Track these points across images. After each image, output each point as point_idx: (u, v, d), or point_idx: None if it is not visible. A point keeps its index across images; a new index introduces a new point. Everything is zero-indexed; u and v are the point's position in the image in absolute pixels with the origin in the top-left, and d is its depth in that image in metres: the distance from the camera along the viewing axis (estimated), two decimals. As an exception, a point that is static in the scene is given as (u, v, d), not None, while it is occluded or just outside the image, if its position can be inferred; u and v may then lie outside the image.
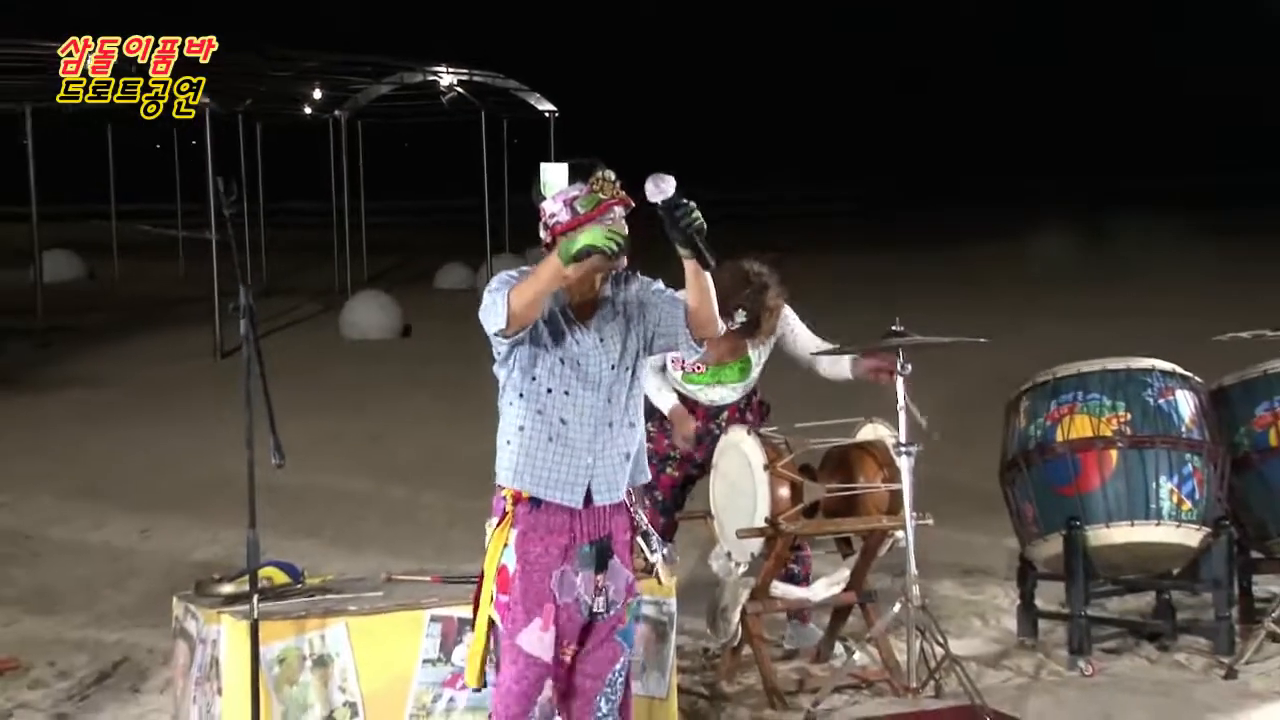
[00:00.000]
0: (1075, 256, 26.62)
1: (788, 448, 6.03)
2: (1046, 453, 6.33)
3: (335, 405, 13.31)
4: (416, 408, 13.11)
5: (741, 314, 6.05)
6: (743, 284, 6.06)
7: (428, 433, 11.88)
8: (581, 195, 4.18)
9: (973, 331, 6.37)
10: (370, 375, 15.26)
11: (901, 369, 5.75)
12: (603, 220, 4.15)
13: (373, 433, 12.10)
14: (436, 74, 21.04)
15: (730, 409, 6.43)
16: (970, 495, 8.55)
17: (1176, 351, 6.68)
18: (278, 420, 4.71)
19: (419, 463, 10.85)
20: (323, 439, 11.50)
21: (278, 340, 17.18)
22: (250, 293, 4.80)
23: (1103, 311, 18.59)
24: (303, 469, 9.87)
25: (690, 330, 4.30)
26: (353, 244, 23.75)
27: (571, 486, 4.23)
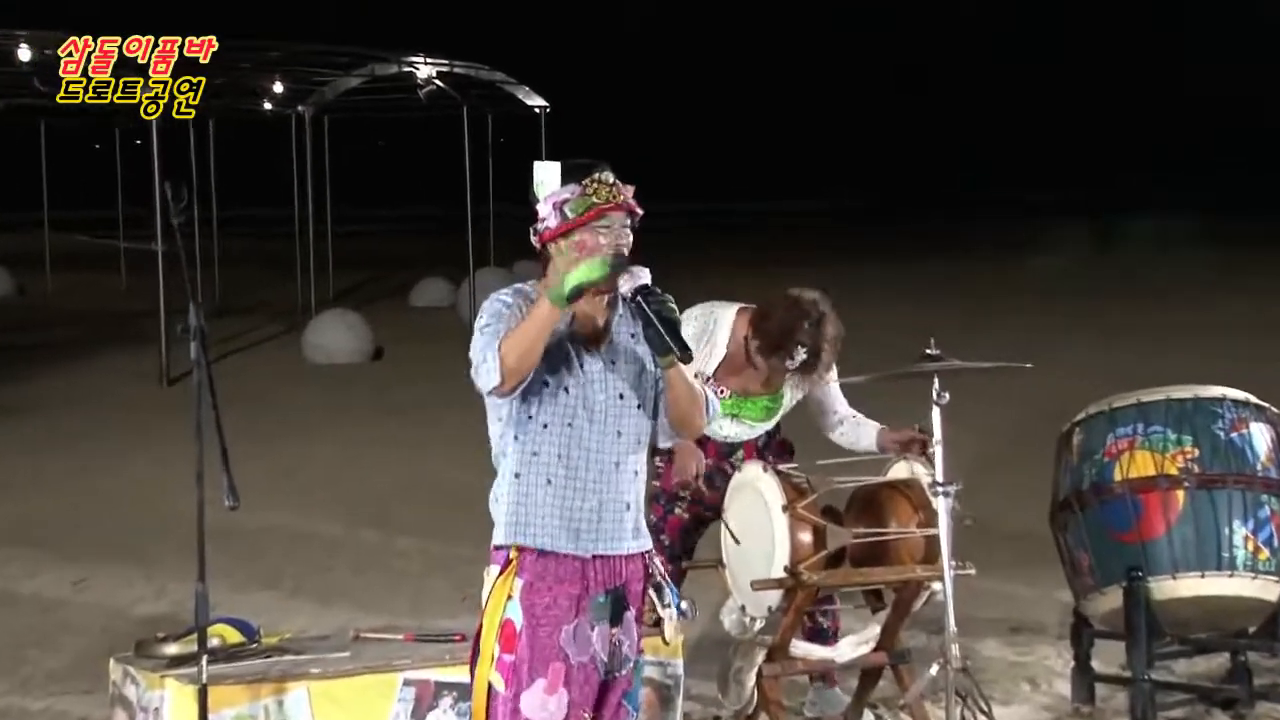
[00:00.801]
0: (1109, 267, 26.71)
1: (809, 487, 6.00)
2: (1103, 493, 6.31)
3: (297, 437, 13.31)
4: (389, 440, 13.12)
5: (801, 352, 6.01)
6: (800, 316, 6.02)
7: (402, 468, 11.89)
8: (573, 198, 4.18)
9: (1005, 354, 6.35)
10: (337, 403, 15.28)
11: (939, 399, 5.71)
12: (595, 229, 4.15)
13: (340, 468, 12.12)
14: (413, 65, 21.08)
15: (747, 446, 6.42)
16: (1017, 541, 8.52)
17: (1247, 377, 6.67)
18: (232, 455, 4.70)
19: (392, 503, 10.84)
20: (283, 476, 11.50)
21: (232, 364, 17.21)
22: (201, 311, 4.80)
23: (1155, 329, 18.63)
24: (260, 510, 9.88)
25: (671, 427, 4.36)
26: (318, 256, 23.83)
27: (576, 533, 4.22)
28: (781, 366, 6.05)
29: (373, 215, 41.22)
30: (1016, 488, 9.63)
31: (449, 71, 21.43)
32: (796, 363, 6.03)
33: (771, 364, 6.08)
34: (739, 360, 6.20)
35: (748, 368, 6.20)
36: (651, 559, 4.36)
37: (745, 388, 6.27)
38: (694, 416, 4.33)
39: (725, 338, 6.22)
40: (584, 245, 4.19)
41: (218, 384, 4.76)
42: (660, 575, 4.38)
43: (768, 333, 6.04)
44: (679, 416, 4.32)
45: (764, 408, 6.32)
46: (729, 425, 6.33)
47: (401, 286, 25.29)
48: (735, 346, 6.21)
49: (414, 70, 21.12)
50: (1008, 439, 11.73)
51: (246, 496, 4.67)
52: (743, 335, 6.18)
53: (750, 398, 6.29)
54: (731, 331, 6.22)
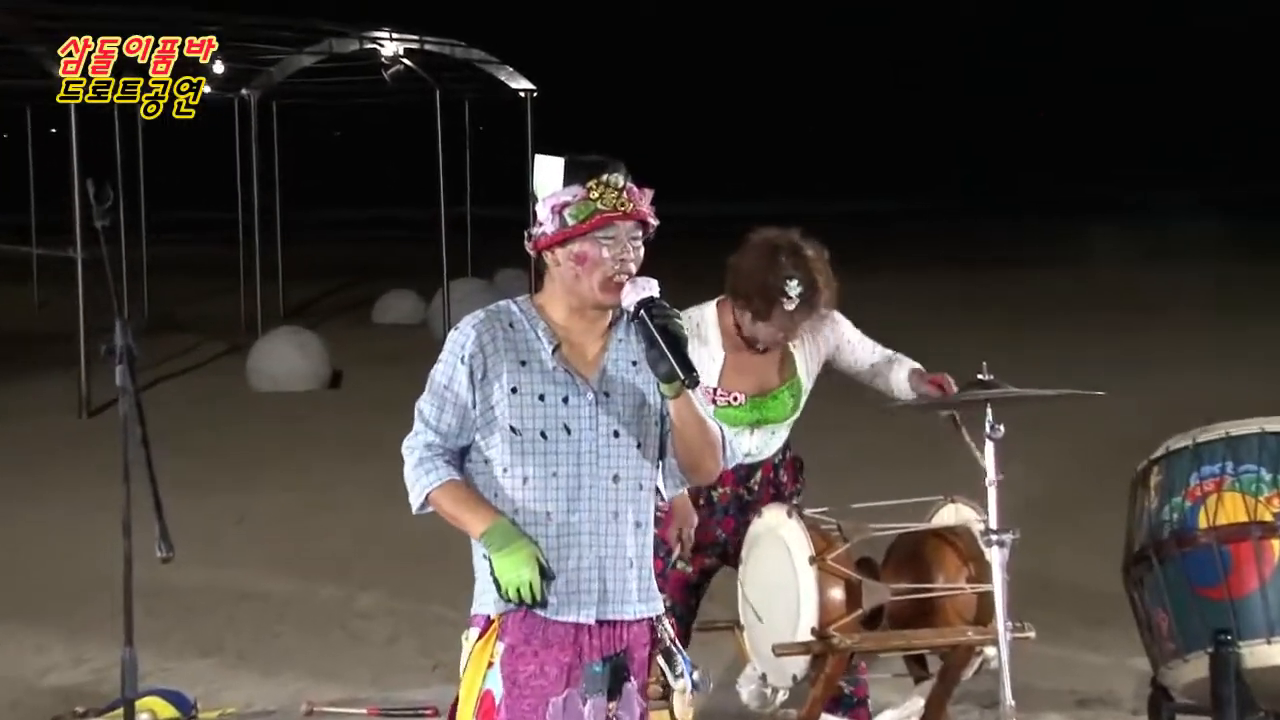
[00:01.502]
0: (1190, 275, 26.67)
1: (841, 535, 6.01)
2: (1186, 543, 6.30)
3: (241, 479, 13.27)
4: (349, 482, 13.05)
5: (794, 284, 6.03)
6: (773, 249, 6.10)
7: (364, 515, 11.82)
8: (574, 202, 4.21)
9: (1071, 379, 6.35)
10: (288, 438, 15.25)
11: (993, 432, 5.72)
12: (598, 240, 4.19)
13: (291, 515, 12.08)
14: (377, 41, 21.11)
15: (765, 466, 6.42)
16: (1083, 599, 8.52)
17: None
18: (164, 498, 4.70)
19: (352, 555, 10.82)
20: (224, 523, 11.47)
21: (165, 392, 17.15)
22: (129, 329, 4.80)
23: (1247, 349, 18.57)
24: (197, 564, 9.81)
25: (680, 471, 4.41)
26: (265, 265, 23.79)
27: (572, 598, 4.24)
28: (784, 315, 6.05)
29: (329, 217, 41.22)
30: (1084, 536, 9.70)
31: (419, 49, 21.44)
32: (795, 298, 6.04)
33: (774, 319, 6.08)
34: (741, 354, 6.27)
35: (754, 357, 6.26)
36: (660, 621, 4.38)
37: (760, 384, 6.30)
38: (706, 458, 4.35)
39: (716, 335, 6.27)
40: (584, 257, 4.23)
41: (148, 415, 4.76)
42: (670, 640, 4.39)
43: (749, 280, 6.09)
44: (689, 458, 4.35)
45: (786, 399, 6.34)
46: (751, 438, 6.32)
47: (363, 301, 25.24)
48: (731, 341, 6.27)
49: (378, 48, 21.15)
50: (1073, 479, 11.71)
51: (182, 548, 4.67)
52: (731, 322, 6.24)
53: (769, 395, 6.31)
54: (719, 325, 6.28)
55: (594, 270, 4.23)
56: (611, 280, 4.24)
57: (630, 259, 4.24)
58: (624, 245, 4.23)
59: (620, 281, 4.23)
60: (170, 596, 9.06)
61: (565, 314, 4.32)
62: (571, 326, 4.31)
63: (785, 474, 6.48)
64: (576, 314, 4.31)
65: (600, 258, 4.21)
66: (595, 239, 4.21)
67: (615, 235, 4.21)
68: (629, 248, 4.23)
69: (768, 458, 6.42)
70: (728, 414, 6.23)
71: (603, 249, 4.22)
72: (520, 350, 4.29)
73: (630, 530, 4.31)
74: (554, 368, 4.28)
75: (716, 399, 6.22)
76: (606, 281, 4.24)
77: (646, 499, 4.37)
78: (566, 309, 4.32)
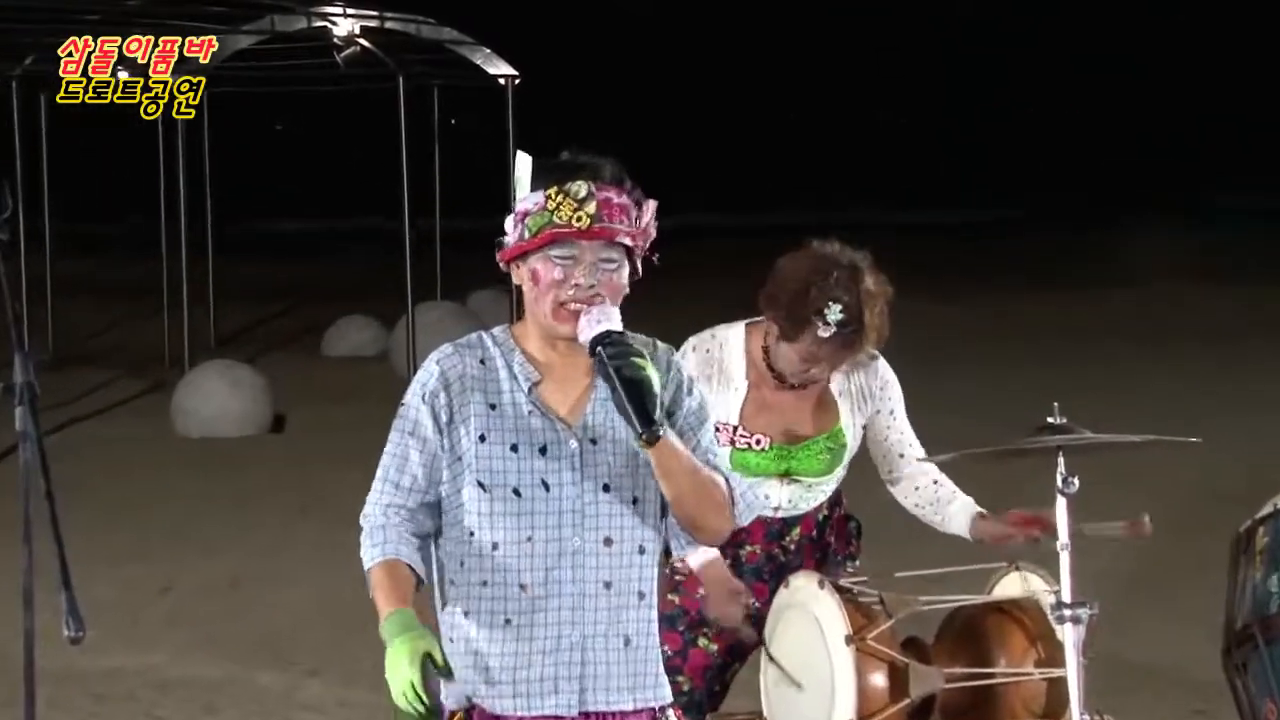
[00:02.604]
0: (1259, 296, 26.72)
1: (884, 609, 5.96)
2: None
3: (165, 542, 13.21)
4: (293, 545, 13.05)
5: (836, 309, 5.90)
6: (826, 264, 5.97)
7: (310, 583, 11.80)
8: (534, 211, 4.24)
9: (1158, 423, 6.35)
10: (220, 493, 15.11)
11: (1065, 486, 5.70)
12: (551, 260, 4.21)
13: (224, 584, 12.03)
14: (328, 18, 21.09)
15: (806, 522, 6.34)
16: (1175, 686, 8.58)
17: None
18: (74, 565, 4.69)
19: (297, 633, 10.80)
20: (146, 595, 11.47)
21: (74, 439, 17.12)
22: (30, 363, 4.80)
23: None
24: (113, 643, 9.87)
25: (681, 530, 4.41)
26: (194, 286, 23.57)
27: (546, 688, 4.26)
28: (813, 340, 5.91)
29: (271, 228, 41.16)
30: (1175, 611, 9.78)
31: (378, 28, 21.44)
32: (832, 325, 5.88)
33: (800, 341, 5.94)
34: (769, 389, 6.16)
35: (783, 394, 6.15)
36: (665, 714, 4.38)
37: (789, 429, 6.17)
38: (706, 515, 4.33)
39: (740, 364, 6.18)
40: (538, 277, 4.25)
41: (54, 464, 4.76)
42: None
43: (787, 287, 5.97)
44: (684, 515, 4.33)
45: (823, 453, 6.20)
46: (780, 490, 6.22)
47: (311, 328, 25.10)
48: (758, 371, 6.16)
49: (329, 25, 21.14)
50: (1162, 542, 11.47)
51: (94, 624, 4.66)
52: (761, 346, 6.14)
53: (800, 444, 6.20)
54: (746, 352, 6.18)
55: (547, 293, 4.23)
56: (564, 307, 4.23)
57: (594, 286, 4.22)
58: (587, 268, 4.21)
59: (576, 310, 4.22)
60: (80, 683, 9.10)
61: (540, 346, 4.34)
62: (551, 361, 4.31)
63: (832, 533, 6.40)
64: (550, 345, 4.31)
65: (552, 279, 4.23)
66: (549, 257, 4.22)
67: (575, 255, 4.21)
68: (594, 272, 4.21)
69: (807, 512, 6.32)
70: (750, 459, 6.15)
71: (555, 269, 4.22)
72: (490, 391, 4.30)
73: (629, 603, 4.30)
74: (529, 411, 4.29)
75: (736, 439, 6.14)
76: (558, 308, 4.23)
77: (650, 565, 4.35)
78: (540, 339, 4.34)
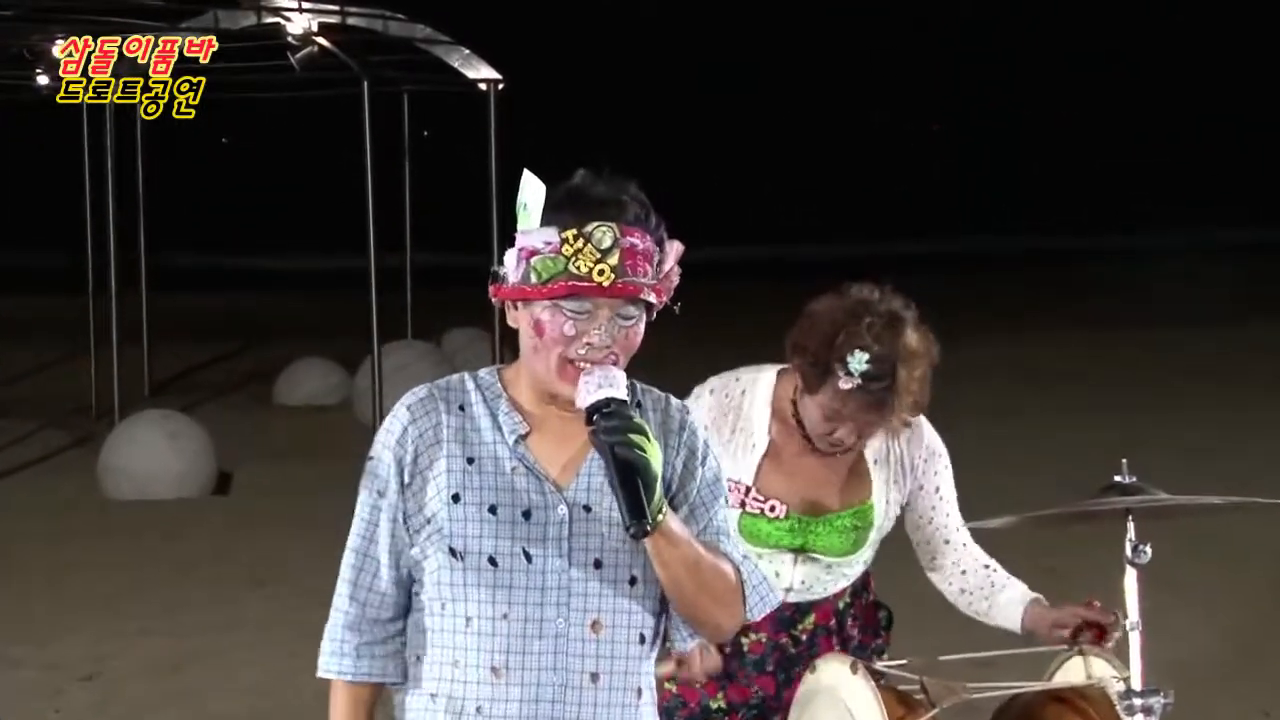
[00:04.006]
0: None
1: (927, 697, 5.59)
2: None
3: (93, 618, 12.85)
4: (240, 623, 12.73)
5: (862, 357, 5.44)
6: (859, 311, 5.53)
7: (261, 666, 11.51)
8: (544, 252, 3.88)
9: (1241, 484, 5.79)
10: (156, 563, 14.77)
11: (1136, 555, 5.39)
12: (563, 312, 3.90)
13: (163, 667, 11.64)
14: (281, 14, 20.63)
15: (823, 609, 5.93)
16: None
17: None
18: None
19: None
20: (68, 679, 11.03)
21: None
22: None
23: None
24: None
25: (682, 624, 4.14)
26: (126, 321, 23.17)
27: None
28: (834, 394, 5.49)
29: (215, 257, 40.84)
30: (1259, 699, 9.82)
31: (340, 24, 20.96)
32: (855, 375, 5.45)
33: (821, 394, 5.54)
34: (794, 448, 5.76)
35: (810, 458, 5.75)
36: None
37: (811, 497, 5.79)
38: (709, 609, 4.05)
39: (764, 416, 5.78)
40: (541, 329, 3.94)
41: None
42: None
43: (813, 332, 5.61)
44: (684, 610, 4.06)
45: (847, 531, 5.82)
46: (793, 569, 5.84)
47: (262, 372, 24.91)
48: (783, 427, 5.78)
49: (281, 22, 20.74)
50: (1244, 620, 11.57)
51: (11, 714, 4.13)
52: (790, 405, 5.72)
53: (823, 516, 5.77)
54: (772, 403, 5.79)
55: (552, 347, 3.93)
56: (571, 365, 3.95)
57: (609, 345, 3.93)
58: (602, 326, 3.91)
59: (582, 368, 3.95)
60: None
61: (533, 398, 4.05)
62: (545, 415, 4.02)
63: (854, 624, 6.00)
64: (546, 399, 4.01)
65: (560, 335, 3.92)
66: (559, 308, 3.90)
67: (589, 311, 3.90)
68: (610, 329, 3.92)
69: (825, 598, 5.94)
70: (761, 527, 5.77)
71: (566, 323, 3.91)
72: (470, 442, 4.04)
73: (621, 700, 4.05)
74: (512, 469, 4.00)
75: (748, 502, 5.77)
76: (564, 365, 3.95)
77: (649, 656, 4.09)
78: (533, 390, 4.05)
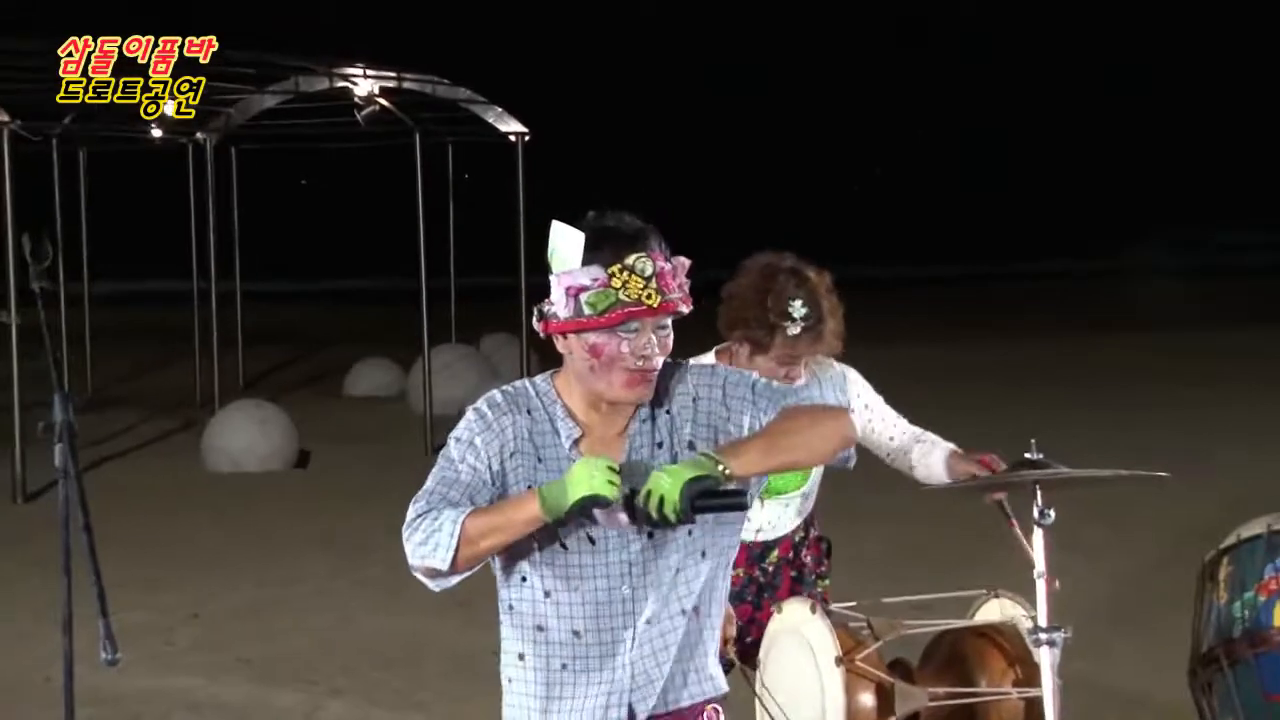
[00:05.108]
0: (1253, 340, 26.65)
1: (872, 633, 5.95)
2: (1260, 643, 6.30)
3: (195, 571, 13.16)
4: (315, 574, 13.00)
5: (799, 305, 5.98)
6: (771, 271, 6.05)
7: (332, 611, 11.79)
8: (593, 289, 4.08)
9: (1131, 459, 6.33)
10: (247, 526, 15.11)
11: (1041, 516, 5.69)
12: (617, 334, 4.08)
13: (251, 611, 11.96)
14: (349, 79, 21.12)
15: (784, 544, 6.37)
16: (1143, 707, 8.51)
17: None
18: (110, 594, 4.70)
19: (319, 655, 10.66)
20: (177, 621, 11.45)
21: (110, 475, 17.12)
22: (70, 404, 4.81)
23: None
24: (146, 666, 9.86)
25: None
26: (223, 330, 23.55)
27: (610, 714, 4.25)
28: (786, 342, 5.96)
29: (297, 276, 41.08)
30: (1145, 636, 9.67)
31: (396, 88, 21.45)
32: (799, 320, 5.95)
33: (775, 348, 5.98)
34: None
35: None
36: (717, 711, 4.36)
37: None
38: (820, 447, 4.24)
39: None
40: (600, 350, 4.12)
41: (91, 500, 4.76)
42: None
43: (748, 306, 6.00)
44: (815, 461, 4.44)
45: None
46: (762, 512, 6.25)
47: (334, 370, 25.11)
48: None
49: (350, 86, 21.15)
50: (1134, 571, 11.62)
51: (129, 649, 4.67)
52: None
53: None
54: None
55: (612, 366, 4.11)
56: (631, 373, 4.13)
57: (655, 353, 4.13)
58: (648, 338, 4.11)
59: (643, 372, 4.14)
60: (115, 704, 9.06)
61: (584, 406, 4.23)
62: (591, 421, 4.22)
63: (809, 555, 6.42)
64: (594, 406, 4.21)
65: (618, 353, 4.10)
66: (614, 332, 4.09)
67: (639, 329, 4.09)
68: (654, 340, 4.12)
69: (785, 535, 6.35)
70: None
71: (622, 343, 4.10)
72: (539, 443, 4.22)
73: (676, 626, 4.26)
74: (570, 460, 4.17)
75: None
76: (628, 378, 4.14)
77: (694, 584, 4.27)
78: (583, 399, 4.23)
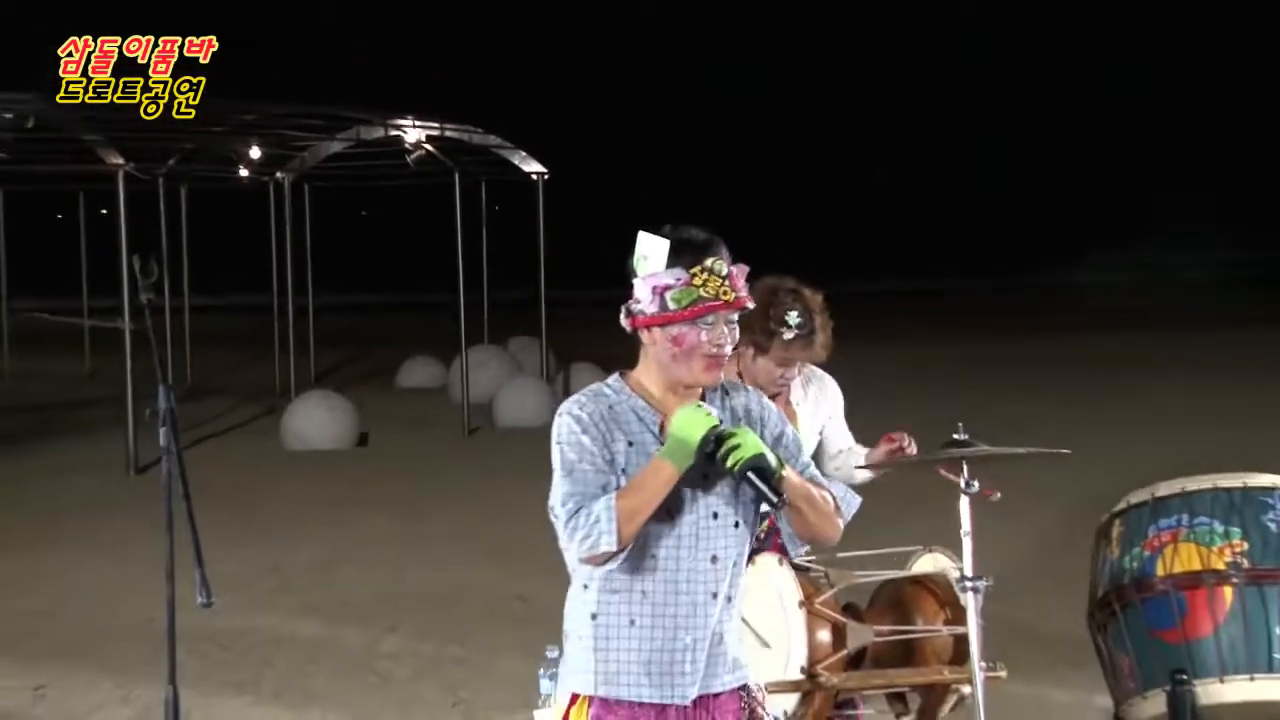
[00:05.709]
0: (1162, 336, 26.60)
1: (828, 581, 5.95)
2: (1145, 590, 6.30)
3: (275, 532, 13.27)
4: (374, 533, 13.08)
5: (794, 314, 6.01)
6: (772, 288, 6.06)
7: (388, 564, 11.85)
8: (677, 287, 4.07)
9: (1045, 438, 6.33)
10: (318, 494, 15.21)
11: (967, 486, 5.62)
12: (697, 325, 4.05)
13: (321, 564, 12.07)
14: (401, 128, 21.21)
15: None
16: (1053, 643, 8.50)
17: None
18: (205, 550, 4.71)
19: (377, 600, 10.79)
20: (259, 573, 11.51)
21: (205, 452, 17.18)
22: (172, 394, 4.83)
23: (1217, 410, 18.53)
24: (234, 610, 9.87)
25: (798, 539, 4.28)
26: (297, 334, 23.77)
27: (669, 680, 4.12)
28: (782, 346, 5.99)
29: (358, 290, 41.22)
30: (1053, 585, 9.70)
31: (439, 135, 21.51)
32: (794, 328, 6.00)
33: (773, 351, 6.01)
34: None
35: None
36: (747, 691, 4.25)
37: None
38: (824, 527, 4.20)
39: None
40: (682, 340, 4.10)
41: (189, 473, 4.77)
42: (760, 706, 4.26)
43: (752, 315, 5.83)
44: (807, 534, 4.23)
45: None
46: None
47: (388, 366, 25.24)
48: None
49: (401, 134, 21.23)
50: (1045, 531, 11.73)
51: (220, 595, 4.68)
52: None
53: None
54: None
55: (692, 353, 4.09)
56: (709, 359, 4.11)
57: (727, 341, 4.12)
58: (721, 329, 4.10)
59: (717, 357, 4.12)
60: (209, 640, 9.12)
61: (662, 392, 4.18)
62: (668, 405, 4.14)
63: None
64: (672, 391, 4.16)
65: (698, 341, 4.08)
66: (696, 324, 4.07)
67: (714, 321, 4.08)
68: (725, 331, 4.11)
69: None
70: None
71: (701, 333, 4.08)
72: (627, 430, 4.14)
73: (720, 607, 4.17)
74: (648, 445, 4.12)
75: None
76: (707, 363, 4.11)
77: (739, 573, 4.21)
78: (662, 385, 4.18)
